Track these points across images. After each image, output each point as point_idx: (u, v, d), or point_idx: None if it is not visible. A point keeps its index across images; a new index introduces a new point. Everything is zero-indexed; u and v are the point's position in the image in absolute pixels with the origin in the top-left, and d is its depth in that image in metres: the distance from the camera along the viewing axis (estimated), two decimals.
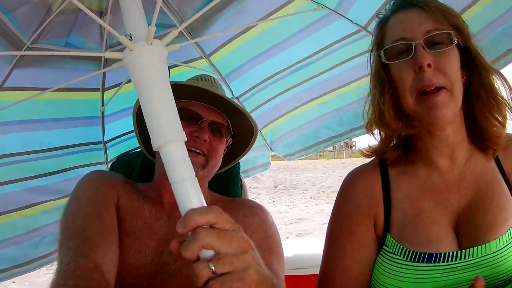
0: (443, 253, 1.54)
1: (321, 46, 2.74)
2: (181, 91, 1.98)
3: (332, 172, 34.51)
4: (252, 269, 1.06)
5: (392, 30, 1.65)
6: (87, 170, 3.02)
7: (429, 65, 1.51)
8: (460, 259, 1.52)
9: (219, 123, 2.09)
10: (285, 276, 1.96)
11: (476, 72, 1.61)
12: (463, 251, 1.53)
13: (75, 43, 2.38)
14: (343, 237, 1.73)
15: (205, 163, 2.00)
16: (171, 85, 1.94)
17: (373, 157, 1.84)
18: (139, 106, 2.00)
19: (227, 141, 2.17)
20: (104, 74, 2.74)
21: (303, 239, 10.92)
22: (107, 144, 3.14)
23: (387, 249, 1.64)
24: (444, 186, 1.67)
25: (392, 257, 1.61)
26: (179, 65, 2.77)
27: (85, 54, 1.66)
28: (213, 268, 1.01)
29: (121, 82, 2.30)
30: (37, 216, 2.94)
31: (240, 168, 2.83)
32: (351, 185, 1.80)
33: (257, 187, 23.71)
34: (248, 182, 2.93)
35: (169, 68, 2.70)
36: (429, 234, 1.58)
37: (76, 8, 2.14)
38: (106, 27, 1.18)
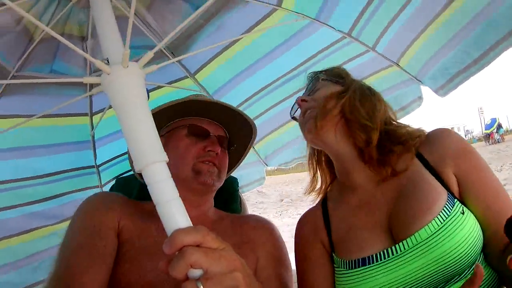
0: (375, 254, 1.66)
1: (307, 57, 2.74)
2: (183, 108, 2.08)
3: None
4: (242, 287, 1.06)
5: None
6: (81, 195, 3.07)
7: (303, 100, 1.96)
8: (393, 254, 1.62)
9: (223, 137, 2.18)
10: None
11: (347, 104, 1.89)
12: (395, 246, 1.63)
13: (59, 69, 2.39)
14: (304, 263, 1.94)
15: (218, 173, 2.07)
16: (182, 102, 1.99)
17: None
18: None
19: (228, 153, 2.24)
20: (91, 98, 2.75)
21: None
22: (100, 168, 3.14)
23: (335, 265, 1.82)
24: (370, 199, 1.85)
25: (339, 271, 1.76)
26: (163, 86, 2.78)
27: (65, 81, 1.66)
28: (201, 287, 1.00)
29: (107, 106, 2.30)
30: (35, 242, 2.93)
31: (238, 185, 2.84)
32: (299, 223, 2.07)
33: (262, 201, 23.47)
34: (253, 197, 2.98)
35: (154, 89, 2.71)
36: (360, 242, 1.73)
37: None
38: (80, 52, 1.18)
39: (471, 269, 1.57)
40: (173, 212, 1.09)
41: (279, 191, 28.97)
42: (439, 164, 1.75)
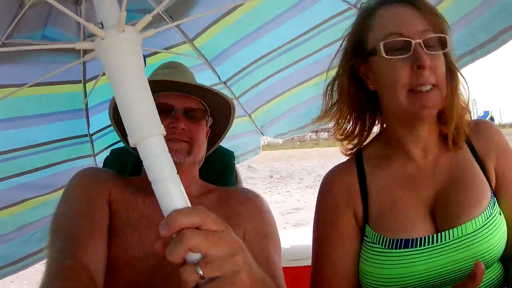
0: (419, 238, 1.58)
1: (310, 26, 2.66)
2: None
3: (328, 161, 34.48)
4: (243, 272, 1.00)
5: (384, 24, 1.62)
6: (74, 164, 3.03)
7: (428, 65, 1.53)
8: (437, 242, 1.56)
9: (193, 108, 2.06)
10: (283, 267, 1.96)
11: (450, 75, 1.64)
12: (439, 234, 1.57)
13: (52, 35, 2.30)
14: (327, 231, 1.77)
15: (189, 149, 1.99)
16: None
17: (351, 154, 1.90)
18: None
19: (207, 122, 2.15)
20: (84, 65, 2.68)
21: (300, 229, 10.97)
22: (93, 137, 3.09)
23: (367, 239, 1.68)
24: (418, 175, 1.72)
25: (372, 247, 1.65)
26: (160, 52, 2.70)
27: (56, 47, 1.61)
28: (200, 272, 0.95)
29: (101, 72, 2.24)
30: (25, 213, 2.90)
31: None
32: (329, 182, 1.85)
33: (253, 177, 23.74)
34: (243, 172, 2.92)
35: (150, 55, 2.63)
36: (404, 221, 1.62)
37: None
38: (73, 16, 1.09)
39: (492, 267, 1.60)
40: (171, 191, 1.02)
41: (270, 167, 29.32)
42: (484, 156, 1.71)
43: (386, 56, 1.58)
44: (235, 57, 2.88)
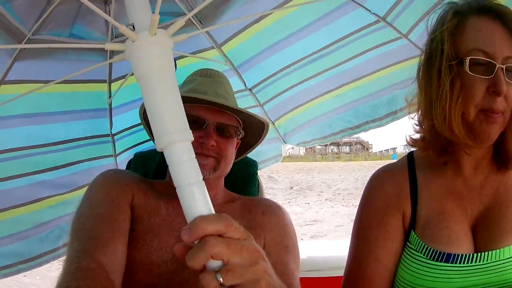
0: (461, 254, 1.56)
1: (338, 37, 2.64)
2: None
3: (348, 175, 34.72)
4: (263, 281, 0.99)
5: (474, 37, 1.56)
6: (94, 164, 3.02)
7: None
8: (475, 262, 1.54)
9: (225, 124, 2.01)
10: (300, 278, 1.94)
11: None
12: (479, 254, 1.55)
13: (79, 33, 2.30)
14: (374, 229, 1.73)
15: (216, 165, 1.96)
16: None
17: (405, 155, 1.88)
18: None
19: (238, 137, 2.11)
20: (110, 65, 2.67)
21: (317, 241, 11.00)
22: (115, 137, 3.06)
23: (410, 245, 1.65)
24: (466, 191, 1.69)
25: (414, 254, 1.62)
26: (188, 56, 2.69)
27: (85, 46, 1.59)
28: (221, 280, 0.94)
29: (128, 73, 2.23)
30: (43, 211, 2.88)
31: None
32: (380, 180, 1.82)
33: (273, 187, 23.88)
34: (264, 182, 2.89)
35: (177, 58, 2.62)
36: (451, 234, 1.60)
37: None
38: (104, 16, 1.08)
39: None
40: (195, 197, 1.00)
41: (290, 179, 29.45)
42: None
43: (469, 72, 1.52)
44: (261, 65, 2.86)
